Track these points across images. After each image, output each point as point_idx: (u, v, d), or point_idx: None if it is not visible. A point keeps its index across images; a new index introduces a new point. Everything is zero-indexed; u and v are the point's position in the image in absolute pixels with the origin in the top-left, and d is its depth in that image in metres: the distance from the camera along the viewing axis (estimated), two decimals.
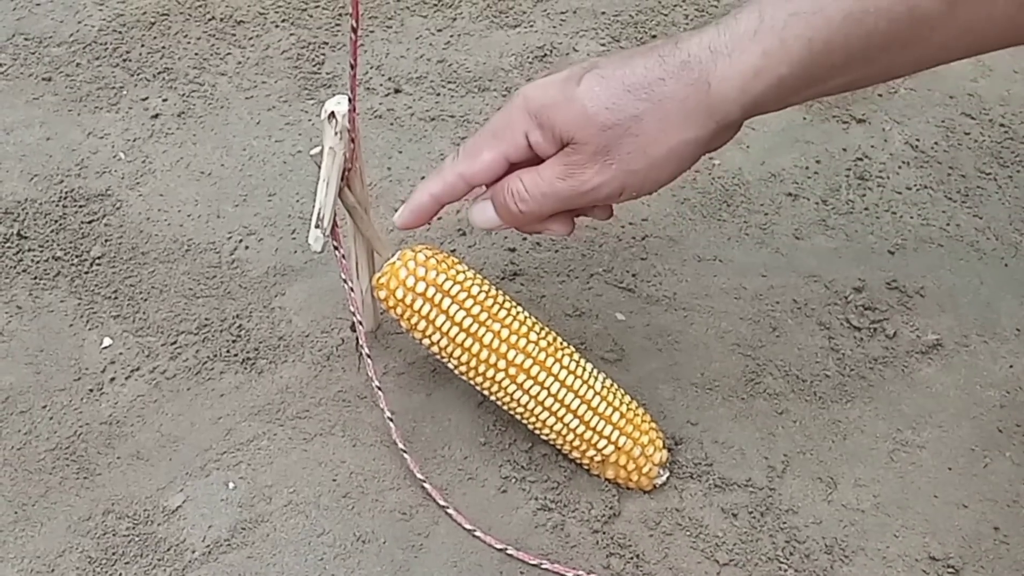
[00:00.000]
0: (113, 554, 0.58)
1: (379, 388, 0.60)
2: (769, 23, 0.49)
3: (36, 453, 0.62)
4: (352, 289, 0.61)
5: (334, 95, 0.57)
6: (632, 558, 0.58)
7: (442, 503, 0.59)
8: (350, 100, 0.55)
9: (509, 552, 0.57)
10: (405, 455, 0.60)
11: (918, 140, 0.83)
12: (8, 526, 0.59)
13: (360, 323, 0.60)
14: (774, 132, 0.84)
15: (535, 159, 0.54)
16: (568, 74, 0.53)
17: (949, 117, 0.85)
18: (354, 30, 0.51)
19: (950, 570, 0.57)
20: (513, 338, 0.59)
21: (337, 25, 0.91)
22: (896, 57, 0.50)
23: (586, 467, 0.61)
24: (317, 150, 0.57)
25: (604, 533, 0.59)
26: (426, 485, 0.59)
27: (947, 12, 0.48)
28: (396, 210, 0.60)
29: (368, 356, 0.60)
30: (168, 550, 0.58)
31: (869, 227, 0.77)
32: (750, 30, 0.49)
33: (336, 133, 0.56)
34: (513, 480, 0.61)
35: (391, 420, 0.60)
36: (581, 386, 0.59)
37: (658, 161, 0.51)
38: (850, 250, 0.75)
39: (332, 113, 0.55)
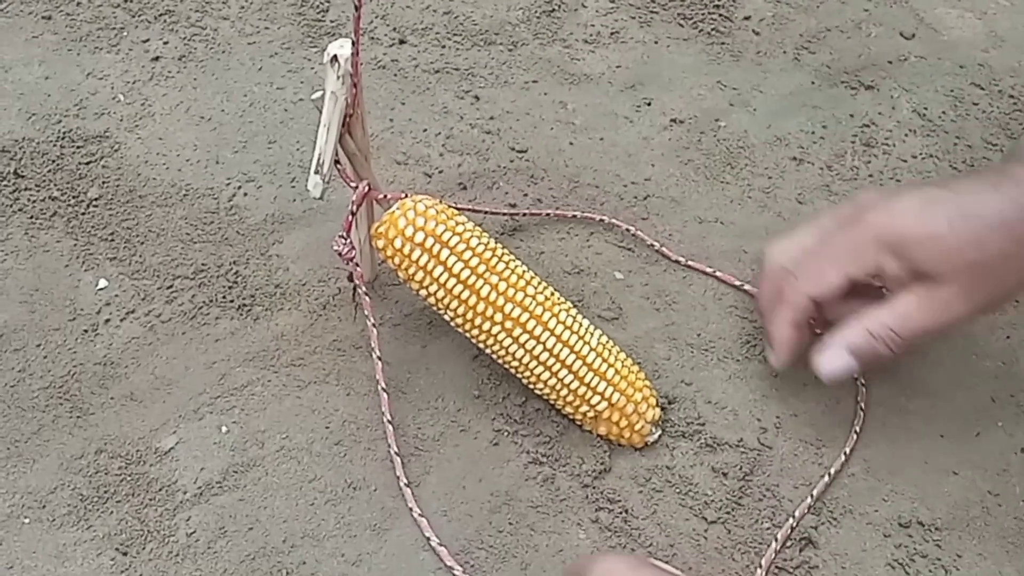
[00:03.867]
0: (105, 492, 0.58)
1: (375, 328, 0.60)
2: None
3: (29, 391, 0.62)
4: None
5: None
6: (621, 512, 0.58)
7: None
8: (353, 44, 0.54)
9: None
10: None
11: (926, 109, 0.82)
12: (0, 462, 0.59)
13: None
14: (781, 96, 0.83)
15: (872, 284, 0.57)
16: (917, 203, 0.55)
17: (958, 87, 0.84)
18: None
19: (937, 535, 0.58)
20: (510, 291, 0.59)
21: None
22: None
23: (579, 423, 0.61)
24: (319, 94, 0.57)
25: (594, 488, 0.59)
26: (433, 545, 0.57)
27: None
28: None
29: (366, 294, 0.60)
30: (160, 490, 0.58)
31: None
32: None
33: (338, 77, 0.55)
34: (505, 433, 0.61)
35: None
36: (576, 341, 0.59)
37: (1014, 293, 0.56)
38: None
39: (335, 56, 0.54)
